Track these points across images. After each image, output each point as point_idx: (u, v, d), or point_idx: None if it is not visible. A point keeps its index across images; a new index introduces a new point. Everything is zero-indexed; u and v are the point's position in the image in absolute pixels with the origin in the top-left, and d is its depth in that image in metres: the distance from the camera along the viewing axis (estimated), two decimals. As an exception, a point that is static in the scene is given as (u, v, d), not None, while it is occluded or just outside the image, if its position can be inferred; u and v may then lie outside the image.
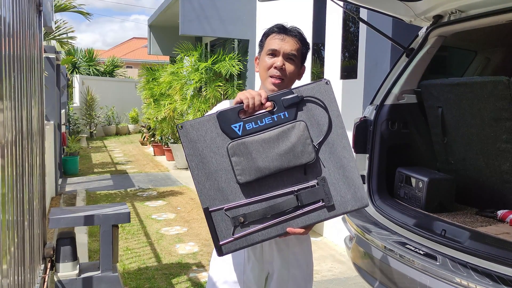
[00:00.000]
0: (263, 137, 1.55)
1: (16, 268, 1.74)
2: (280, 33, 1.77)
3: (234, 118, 1.57)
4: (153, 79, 10.05)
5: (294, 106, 1.59)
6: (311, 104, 1.60)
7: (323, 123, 1.60)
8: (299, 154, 1.55)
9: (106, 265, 2.76)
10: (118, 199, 6.79)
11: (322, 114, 1.60)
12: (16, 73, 1.79)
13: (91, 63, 18.58)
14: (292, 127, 1.56)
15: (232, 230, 1.56)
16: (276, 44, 1.75)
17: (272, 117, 1.58)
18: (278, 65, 1.74)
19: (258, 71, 1.83)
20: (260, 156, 1.54)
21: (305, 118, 1.59)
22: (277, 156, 1.54)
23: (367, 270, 2.51)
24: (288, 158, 1.54)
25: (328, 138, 1.60)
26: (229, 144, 1.55)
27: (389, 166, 2.86)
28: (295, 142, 1.55)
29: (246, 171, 1.53)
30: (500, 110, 2.40)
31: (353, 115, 3.98)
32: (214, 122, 1.57)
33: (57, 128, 7.41)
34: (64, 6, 7.37)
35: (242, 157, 1.54)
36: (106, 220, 2.75)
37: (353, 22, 4.80)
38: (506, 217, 2.47)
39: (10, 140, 1.65)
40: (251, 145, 1.54)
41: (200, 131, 1.57)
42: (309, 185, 1.58)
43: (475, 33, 2.87)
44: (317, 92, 1.60)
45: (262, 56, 1.79)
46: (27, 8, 2.15)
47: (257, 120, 1.58)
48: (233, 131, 1.57)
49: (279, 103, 1.59)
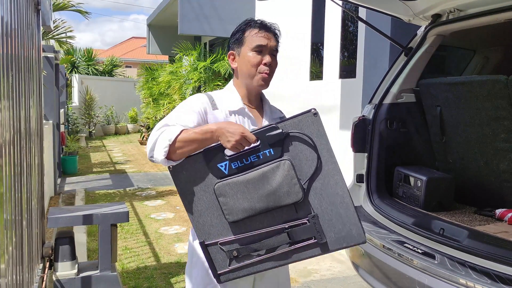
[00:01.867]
0: (248, 177, 1.54)
1: (15, 267, 1.74)
2: (263, 29, 1.75)
3: (220, 157, 1.57)
4: (152, 78, 10.06)
5: (280, 143, 1.54)
6: (298, 138, 1.55)
7: (312, 159, 1.55)
8: (285, 194, 1.53)
9: (105, 264, 2.76)
10: (117, 199, 6.78)
11: (310, 150, 1.55)
12: (14, 72, 1.79)
13: (90, 63, 18.55)
14: (277, 167, 1.53)
15: (228, 262, 1.59)
16: (263, 40, 1.73)
17: (258, 154, 1.55)
18: (268, 61, 1.73)
19: (237, 67, 1.79)
20: (245, 197, 1.53)
21: (292, 155, 1.55)
22: (261, 197, 1.53)
23: (366, 269, 2.52)
24: (274, 199, 1.53)
25: (319, 175, 1.55)
26: (216, 184, 1.56)
27: (388, 165, 2.86)
28: (280, 183, 1.52)
29: (234, 211, 1.54)
30: (498, 109, 2.40)
31: (352, 114, 3.99)
32: (201, 162, 1.58)
33: (56, 127, 7.40)
34: (63, 5, 7.35)
35: (228, 198, 1.55)
36: (105, 220, 2.75)
37: (352, 21, 4.80)
38: (504, 216, 2.48)
39: (8, 139, 1.64)
40: (236, 186, 1.54)
41: (190, 171, 1.59)
42: (300, 222, 1.55)
43: (473, 32, 2.87)
44: (304, 125, 1.54)
45: (245, 52, 1.75)
46: (25, 7, 2.14)
47: (243, 158, 1.56)
48: (220, 170, 1.57)
49: (263, 140, 1.54)
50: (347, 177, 3.91)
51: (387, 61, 3.79)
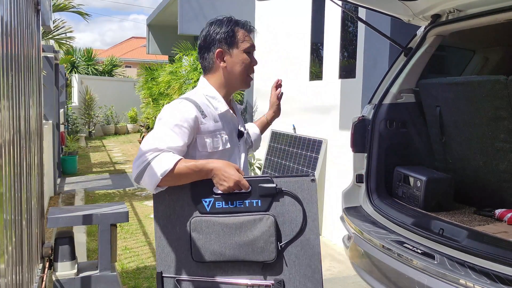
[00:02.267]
0: (227, 221, 1.49)
1: (14, 267, 1.74)
2: (251, 32, 1.76)
3: (206, 192, 1.53)
4: (151, 78, 10.04)
5: (270, 197, 1.51)
6: (289, 198, 1.51)
7: (296, 223, 1.51)
8: (258, 250, 1.48)
9: (105, 264, 2.76)
10: (117, 199, 6.78)
11: (298, 213, 1.51)
12: (14, 72, 1.79)
13: (89, 63, 18.53)
14: (260, 220, 1.49)
15: None
16: (252, 42, 1.75)
17: (244, 202, 1.51)
18: (256, 64, 1.75)
19: (226, 66, 1.71)
20: (218, 241, 1.49)
21: (278, 212, 1.51)
22: (235, 245, 1.49)
23: (365, 269, 2.52)
24: (246, 251, 1.48)
25: (297, 241, 1.51)
26: (193, 218, 1.51)
27: (388, 165, 2.86)
28: (257, 237, 1.48)
29: (202, 250, 1.50)
30: (498, 109, 2.40)
31: (352, 114, 3.99)
32: (187, 191, 1.54)
33: (55, 127, 7.40)
34: (63, 6, 7.35)
35: (202, 235, 1.50)
36: (105, 220, 2.74)
37: (351, 21, 4.80)
38: (504, 216, 2.48)
39: (8, 139, 1.64)
40: (213, 226, 1.49)
41: (173, 197, 1.55)
42: (264, 284, 1.50)
43: (473, 32, 2.87)
44: (299, 188, 1.51)
45: (239, 53, 1.71)
46: (25, 7, 2.14)
47: (228, 200, 1.52)
48: (203, 205, 1.53)
49: (255, 188, 1.51)
50: (347, 177, 3.91)
51: (386, 61, 3.79)
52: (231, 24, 1.73)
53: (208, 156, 1.64)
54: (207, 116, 1.65)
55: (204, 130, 1.64)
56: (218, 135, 1.67)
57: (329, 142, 4.95)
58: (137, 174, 1.51)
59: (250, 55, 1.74)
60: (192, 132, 1.61)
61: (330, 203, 4.95)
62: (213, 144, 1.65)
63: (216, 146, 1.66)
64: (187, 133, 1.58)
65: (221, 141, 1.67)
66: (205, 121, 1.64)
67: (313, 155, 5.04)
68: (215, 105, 1.70)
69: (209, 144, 1.64)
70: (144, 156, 1.51)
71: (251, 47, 1.74)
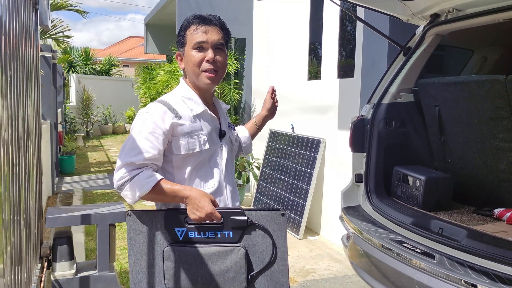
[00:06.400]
0: (199, 251, 1.54)
1: (13, 267, 1.73)
2: (201, 24, 1.66)
3: (180, 221, 1.58)
4: (150, 78, 10.02)
5: (241, 229, 1.56)
6: (259, 231, 1.57)
7: (266, 254, 1.57)
8: (229, 280, 1.53)
9: (103, 264, 2.76)
10: (115, 198, 6.77)
11: (268, 245, 1.57)
12: (12, 71, 1.78)
13: (87, 62, 18.50)
14: (231, 251, 1.54)
15: None
16: (202, 36, 1.64)
17: (216, 233, 1.56)
18: (210, 58, 1.64)
19: (184, 68, 1.72)
20: (191, 270, 1.54)
21: (249, 244, 1.57)
22: (206, 275, 1.53)
23: (364, 268, 2.51)
24: (217, 280, 1.53)
25: (266, 272, 1.57)
26: (166, 247, 1.56)
27: (387, 164, 2.86)
28: (229, 267, 1.53)
29: (175, 278, 1.54)
30: (497, 108, 2.40)
31: (350, 113, 3.99)
32: (160, 219, 1.58)
33: (53, 127, 7.38)
34: (61, 5, 7.34)
35: (174, 264, 1.54)
36: (103, 219, 2.74)
37: (350, 21, 4.80)
38: (503, 216, 2.48)
39: (6, 139, 1.64)
40: (185, 255, 1.54)
41: (146, 223, 1.59)
42: None
43: (472, 32, 2.88)
44: (269, 221, 1.57)
45: (188, 51, 1.67)
46: (23, 7, 2.13)
47: (201, 231, 1.57)
48: (175, 234, 1.57)
49: (227, 220, 1.56)
50: (346, 176, 3.89)
51: (385, 60, 3.79)
52: (185, 24, 1.71)
53: (184, 159, 1.64)
54: (182, 117, 1.64)
55: (179, 131, 1.63)
56: (195, 136, 1.65)
57: (327, 141, 4.95)
58: (118, 185, 1.59)
59: (201, 50, 1.65)
60: (167, 136, 1.62)
61: (329, 202, 4.95)
62: (189, 145, 1.63)
63: (192, 147, 1.64)
64: (161, 139, 1.60)
65: (198, 142, 1.65)
66: (180, 122, 1.63)
67: (311, 155, 5.04)
68: (190, 106, 1.69)
69: (184, 146, 1.63)
70: (124, 172, 1.58)
71: (199, 41, 1.64)
